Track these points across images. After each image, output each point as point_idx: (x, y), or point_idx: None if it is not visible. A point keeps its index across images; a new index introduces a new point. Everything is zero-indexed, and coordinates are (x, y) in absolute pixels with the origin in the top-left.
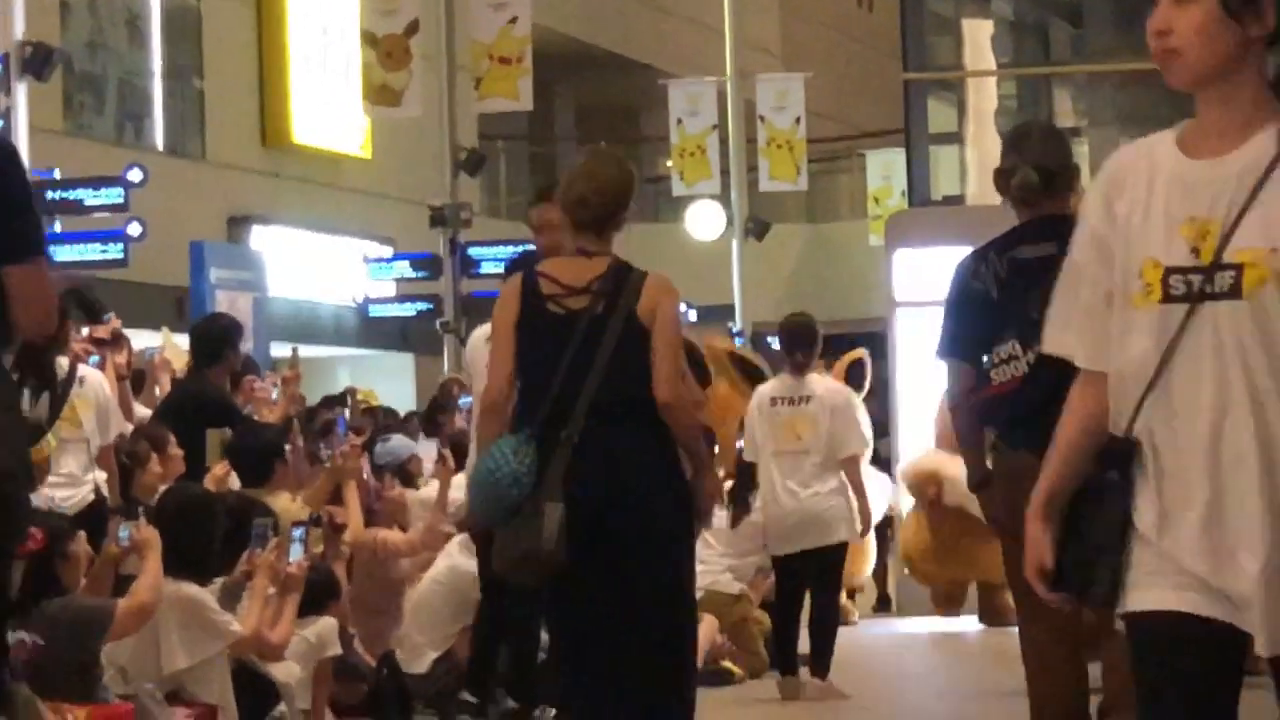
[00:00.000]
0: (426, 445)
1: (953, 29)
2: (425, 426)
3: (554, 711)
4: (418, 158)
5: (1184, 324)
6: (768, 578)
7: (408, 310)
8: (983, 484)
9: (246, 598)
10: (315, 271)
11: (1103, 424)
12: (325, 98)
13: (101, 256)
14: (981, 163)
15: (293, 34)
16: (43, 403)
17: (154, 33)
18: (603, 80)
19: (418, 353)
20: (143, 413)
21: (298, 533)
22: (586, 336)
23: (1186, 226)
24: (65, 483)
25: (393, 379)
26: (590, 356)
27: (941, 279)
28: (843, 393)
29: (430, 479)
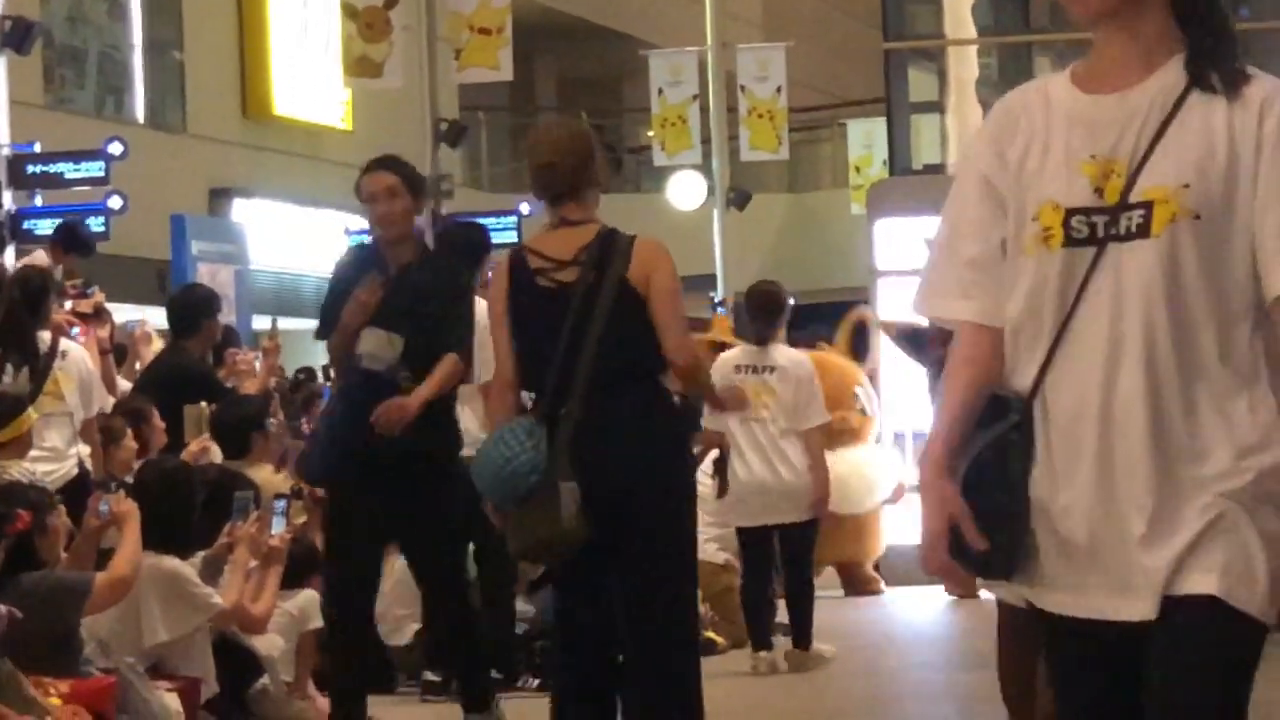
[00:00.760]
0: None
1: None
2: None
3: (536, 681)
4: (399, 129)
5: (1090, 271)
6: None
7: None
8: None
9: (228, 571)
10: (297, 244)
11: (997, 381)
12: (306, 70)
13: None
14: (962, 132)
15: (273, 6)
16: (24, 376)
17: (134, 5)
18: (583, 50)
19: None
20: (125, 386)
21: (279, 505)
22: (580, 309)
23: (1089, 165)
24: (49, 456)
25: None
26: (586, 329)
27: (922, 248)
28: (806, 365)
29: None
